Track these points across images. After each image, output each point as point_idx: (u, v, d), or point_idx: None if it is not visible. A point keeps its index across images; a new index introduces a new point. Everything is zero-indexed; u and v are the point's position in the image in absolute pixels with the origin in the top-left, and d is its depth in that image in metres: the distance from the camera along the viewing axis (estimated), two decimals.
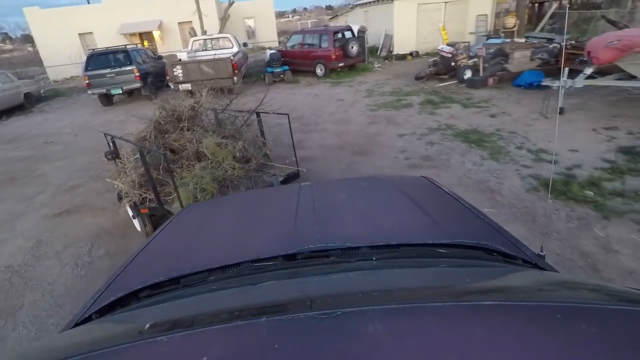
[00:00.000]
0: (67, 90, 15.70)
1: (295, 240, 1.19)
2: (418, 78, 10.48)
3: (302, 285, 0.91)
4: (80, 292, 3.20)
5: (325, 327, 0.61)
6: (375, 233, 1.22)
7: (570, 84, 6.07)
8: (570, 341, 0.57)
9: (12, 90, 12.09)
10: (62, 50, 19.32)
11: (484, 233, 1.27)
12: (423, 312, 0.65)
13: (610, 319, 0.62)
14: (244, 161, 4.00)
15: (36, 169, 6.56)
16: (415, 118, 7.11)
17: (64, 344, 0.82)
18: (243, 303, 0.87)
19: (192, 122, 4.17)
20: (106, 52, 11.09)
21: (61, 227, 4.38)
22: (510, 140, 5.42)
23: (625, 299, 0.76)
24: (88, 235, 4.10)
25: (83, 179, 5.78)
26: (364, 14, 18.75)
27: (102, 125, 9.31)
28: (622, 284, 2.48)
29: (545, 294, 0.84)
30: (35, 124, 10.39)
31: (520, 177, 4.31)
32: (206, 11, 18.42)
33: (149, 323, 0.78)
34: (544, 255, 1.20)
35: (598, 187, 3.86)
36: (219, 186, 3.64)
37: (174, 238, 1.52)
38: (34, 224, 4.55)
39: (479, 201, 3.88)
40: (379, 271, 1.01)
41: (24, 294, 3.28)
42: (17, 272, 3.60)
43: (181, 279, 1.08)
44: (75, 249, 3.88)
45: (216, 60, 9.98)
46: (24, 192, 5.57)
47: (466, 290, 0.83)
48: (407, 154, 5.38)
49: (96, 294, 1.16)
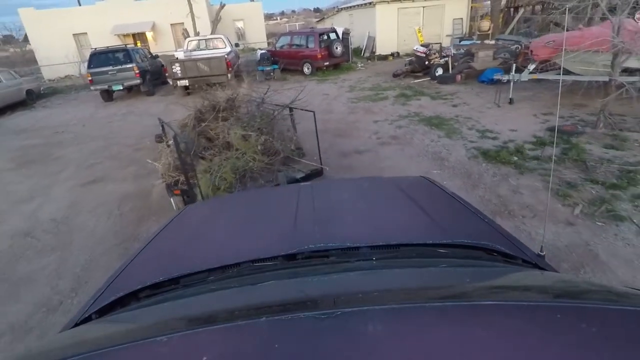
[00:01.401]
0: (64, 88, 16.39)
1: (295, 240, 1.19)
2: (395, 75, 11.56)
3: (302, 285, 0.91)
4: (117, 233, 4.10)
5: (325, 327, 0.61)
6: (375, 233, 1.22)
7: (517, 77, 7.18)
8: (570, 341, 0.57)
9: (15, 87, 12.76)
10: (57, 50, 19.86)
11: (484, 233, 1.27)
12: (423, 312, 0.65)
13: (610, 319, 0.62)
14: (269, 154, 4.08)
15: (53, 153, 7.37)
16: (389, 108, 8.15)
17: (64, 344, 0.81)
18: (243, 303, 0.87)
19: (229, 113, 4.38)
20: (108, 50, 11.89)
21: (89, 193, 5.25)
22: (464, 124, 6.50)
23: (625, 299, 0.75)
24: (114, 198, 4.98)
25: (100, 159, 6.63)
26: (349, 17, 19.86)
27: (105, 118, 10.16)
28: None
29: (545, 294, 0.84)
30: (40, 118, 11.13)
31: (465, 149, 5.37)
32: (198, 13, 19.25)
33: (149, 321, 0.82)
34: (544, 255, 1.19)
35: (522, 153, 4.93)
36: (239, 176, 3.76)
37: (174, 238, 1.51)
38: (64, 191, 5.41)
39: (431, 167, 4.92)
40: (379, 271, 1.01)
41: (72, 236, 4.16)
42: (61, 222, 4.48)
43: (181, 279, 1.07)
44: (105, 207, 4.76)
45: (211, 59, 10.90)
46: (46, 170, 6.40)
47: (466, 290, 0.83)
48: (379, 134, 6.41)
49: (96, 294, 1.15)
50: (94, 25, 20.63)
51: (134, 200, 4.82)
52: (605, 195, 3.74)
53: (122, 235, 4.04)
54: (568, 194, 3.82)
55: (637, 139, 5.10)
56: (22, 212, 4.84)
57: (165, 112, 9.90)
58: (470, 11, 17.77)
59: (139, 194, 4.99)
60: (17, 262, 3.76)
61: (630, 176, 4.04)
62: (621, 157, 4.60)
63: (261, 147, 4.04)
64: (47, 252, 3.87)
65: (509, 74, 7.26)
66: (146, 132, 8.15)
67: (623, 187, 3.86)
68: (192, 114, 4.51)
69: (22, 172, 6.43)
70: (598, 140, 5.17)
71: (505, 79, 7.34)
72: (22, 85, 13.23)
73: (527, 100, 7.49)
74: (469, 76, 10.17)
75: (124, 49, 11.78)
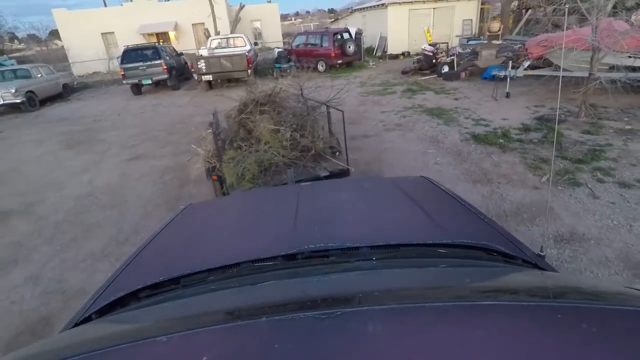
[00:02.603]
0: (94, 83, 17.59)
1: (295, 240, 1.19)
2: (404, 72, 12.30)
3: (302, 285, 0.91)
4: (163, 194, 4.97)
5: (325, 327, 0.61)
6: (375, 233, 1.22)
7: (513, 73, 7.86)
8: (570, 341, 0.57)
9: (53, 81, 13.94)
10: (86, 48, 21.16)
11: (484, 233, 1.27)
12: (423, 312, 0.65)
13: (610, 319, 0.63)
14: (301, 150, 4.13)
15: (96, 137, 8.36)
16: (396, 101, 8.91)
17: (64, 344, 0.81)
18: (243, 303, 0.87)
19: (270, 107, 4.47)
20: (139, 48, 12.94)
21: (134, 166, 6.16)
22: (462, 114, 7.22)
23: (625, 299, 0.76)
24: (156, 170, 5.88)
25: (138, 141, 7.57)
26: (362, 18, 20.61)
27: (137, 109, 11.17)
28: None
29: (545, 294, 0.84)
30: (77, 109, 12.22)
31: (460, 133, 6.10)
32: (218, 14, 20.28)
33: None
34: (544, 255, 1.20)
35: (508, 137, 5.65)
36: (263, 169, 3.83)
37: (174, 238, 1.52)
38: (112, 165, 6.34)
39: (428, 147, 5.68)
40: (379, 271, 1.02)
41: (125, 196, 5.06)
42: (114, 187, 5.39)
43: (181, 279, 1.07)
44: (150, 176, 5.66)
45: (233, 56, 11.82)
46: (94, 150, 7.36)
47: (466, 290, 0.83)
48: (384, 122, 7.18)
49: (96, 294, 1.15)
50: (121, 25, 21.87)
51: (173, 172, 5.70)
52: (570, 168, 4.45)
53: (168, 196, 4.92)
54: (540, 167, 4.54)
55: (612, 126, 5.76)
56: (80, 181, 5.78)
57: (190, 105, 10.89)
58: (481, 12, 18.34)
59: (177, 167, 5.88)
60: (86, 214, 4.66)
61: (595, 154, 4.74)
62: (594, 140, 5.28)
63: (288, 143, 4.08)
64: (108, 208, 4.77)
65: (506, 70, 7.93)
66: (176, 120, 9.11)
67: (587, 161, 4.56)
68: (236, 106, 4.71)
69: (73, 151, 7.41)
70: (577, 127, 5.84)
71: (502, 74, 8.02)
72: (59, 79, 14.41)
73: (523, 95, 8.15)
74: (472, 74, 10.83)
75: (154, 47, 12.82)
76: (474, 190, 4.21)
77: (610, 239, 3.15)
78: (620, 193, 3.85)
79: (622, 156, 4.68)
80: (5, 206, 5.04)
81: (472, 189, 4.24)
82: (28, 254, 3.88)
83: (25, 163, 6.92)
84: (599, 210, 3.59)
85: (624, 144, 5.05)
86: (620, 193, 3.85)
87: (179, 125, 8.51)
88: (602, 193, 3.88)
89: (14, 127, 10.34)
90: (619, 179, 4.13)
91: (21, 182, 5.98)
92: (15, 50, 39.41)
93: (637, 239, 3.12)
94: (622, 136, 5.34)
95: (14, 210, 4.91)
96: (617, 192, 3.88)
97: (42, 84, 13.08)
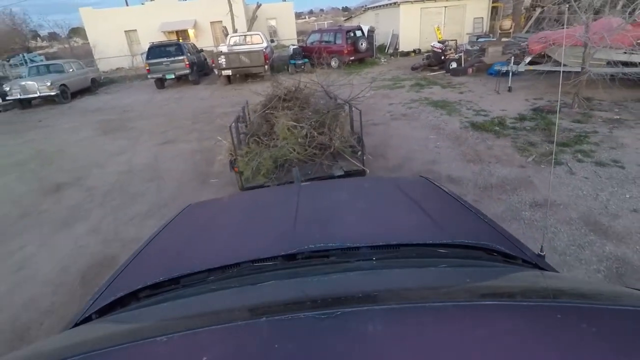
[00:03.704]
0: (119, 78, 18.58)
1: (295, 240, 1.19)
2: (414, 68, 12.83)
3: (302, 285, 0.92)
4: (194, 171, 5.68)
5: (325, 327, 0.61)
6: (375, 233, 1.23)
7: (515, 68, 8.35)
8: (570, 341, 0.57)
9: (83, 75, 14.93)
10: (110, 45, 22.22)
11: (484, 233, 1.28)
12: (423, 312, 0.66)
13: (610, 319, 0.63)
14: (318, 147, 4.14)
15: (127, 125, 9.16)
16: (404, 94, 9.49)
17: (64, 344, 0.82)
18: (243, 303, 0.88)
19: (294, 102, 4.58)
20: (163, 44, 13.79)
21: (166, 149, 6.91)
22: (465, 105, 7.76)
23: (625, 299, 0.76)
24: (186, 151, 6.61)
25: (167, 129, 8.33)
26: (375, 16, 21.14)
27: (162, 101, 11.98)
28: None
29: (545, 294, 0.85)
30: (106, 101, 13.12)
31: (460, 122, 6.66)
32: (236, 12, 21.06)
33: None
34: (544, 255, 1.20)
35: (503, 125, 6.19)
36: (277, 165, 3.90)
37: (174, 238, 1.53)
38: (146, 148, 7.10)
39: (429, 133, 6.26)
40: (379, 271, 1.02)
41: (161, 173, 5.79)
42: (151, 165, 6.14)
43: (181, 279, 1.08)
44: (181, 157, 6.39)
45: (251, 52, 12.54)
46: (128, 136, 8.15)
47: (466, 290, 0.83)
48: (392, 112, 7.78)
49: (96, 294, 1.15)
50: (143, 23, 22.88)
51: (201, 154, 6.42)
52: (555, 150, 4.99)
53: (197, 172, 5.62)
54: (527, 149, 5.09)
55: (602, 116, 6.24)
56: (119, 161, 6.54)
57: (211, 98, 11.65)
58: (493, 11, 18.66)
59: (204, 150, 6.59)
60: (128, 186, 5.40)
61: (580, 139, 5.26)
62: (582, 128, 5.79)
63: (305, 140, 4.08)
64: (147, 181, 5.50)
65: (508, 65, 8.43)
66: (198, 111, 9.87)
67: (571, 145, 5.08)
68: (262, 100, 4.86)
69: (108, 137, 8.21)
70: (570, 116, 6.33)
71: (504, 69, 8.52)
72: (87, 74, 15.40)
73: (524, 89, 8.62)
74: (479, 69, 11.30)
75: (177, 44, 13.64)
76: (466, 168, 4.79)
77: (577, 205, 3.71)
78: (595, 170, 4.38)
79: (604, 141, 5.19)
80: (59, 179, 5.84)
81: (465, 167, 4.82)
82: (85, 214, 4.63)
83: (68, 146, 7.75)
84: (572, 183, 4.14)
85: (609, 131, 5.55)
86: (595, 170, 4.38)
87: (202, 116, 9.26)
88: (578, 170, 4.42)
89: (51, 116, 11.28)
90: (597, 159, 4.66)
91: (68, 161, 6.78)
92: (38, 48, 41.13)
93: (599, 204, 3.68)
94: (609, 125, 5.83)
95: (67, 183, 5.69)
96: (592, 169, 4.42)
97: (74, 78, 14.06)
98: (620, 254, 2.96)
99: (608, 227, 3.31)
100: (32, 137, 8.85)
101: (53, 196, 5.26)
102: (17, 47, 28.51)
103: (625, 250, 3.00)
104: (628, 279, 2.70)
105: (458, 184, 4.35)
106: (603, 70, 6.36)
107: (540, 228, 3.38)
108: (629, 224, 3.32)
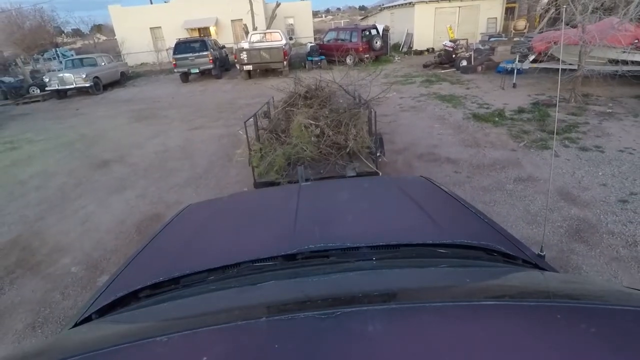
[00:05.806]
0: (145, 72, 19.62)
1: (295, 240, 1.19)
2: (425, 66, 13.37)
3: (302, 285, 0.92)
4: (221, 151, 6.42)
5: (325, 327, 0.61)
6: (375, 233, 1.23)
7: (519, 66, 8.85)
8: (570, 341, 0.58)
9: (114, 69, 15.97)
10: (136, 41, 23.34)
11: (484, 233, 1.28)
12: (423, 312, 0.66)
13: (610, 319, 0.63)
14: (332, 147, 4.17)
15: (159, 114, 10.02)
16: (414, 89, 10.09)
17: (64, 344, 0.82)
18: (243, 303, 0.88)
19: (315, 100, 4.63)
20: (188, 40, 14.69)
21: (196, 133, 7.69)
22: (470, 100, 8.32)
23: (625, 299, 0.76)
24: (214, 136, 7.37)
25: (194, 117, 9.14)
26: (391, 15, 21.66)
27: (187, 93, 12.85)
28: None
29: (545, 294, 0.85)
30: (135, 93, 14.08)
31: (463, 114, 7.25)
32: (256, 11, 21.88)
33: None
34: (544, 255, 1.21)
35: (502, 116, 6.76)
36: (289, 163, 3.96)
37: (174, 238, 1.53)
38: (178, 133, 7.90)
39: (434, 123, 6.87)
40: (379, 271, 1.02)
41: (193, 153, 6.56)
42: (184, 147, 6.92)
43: (181, 279, 1.08)
44: (209, 140, 7.16)
45: (271, 48, 13.30)
46: (160, 122, 8.98)
47: (466, 290, 0.84)
48: (401, 105, 8.41)
49: (96, 294, 1.15)
50: (167, 20, 23.90)
51: (227, 138, 7.17)
52: (545, 137, 5.55)
53: (225, 152, 6.36)
54: (520, 136, 5.67)
55: (595, 110, 6.74)
56: (155, 143, 7.35)
57: (233, 91, 12.46)
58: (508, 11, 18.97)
59: (229, 135, 7.35)
60: (165, 163, 6.19)
61: (569, 128, 5.80)
62: (574, 119, 6.31)
63: (317, 139, 4.10)
64: (181, 159, 6.28)
65: (514, 63, 8.94)
66: (222, 102, 10.67)
67: (560, 133, 5.63)
68: (284, 97, 5.01)
69: (142, 123, 9.07)
70: (566, 110, 6.85)
71: (509, 67, 9.02)
72: (117, 67, 16.42)
73: (529, 86, 9.11)
74: (488, 67, 11.77)
75: (202, 40, 14.51)
76: (464, 151, 5.39)
77: (555, 180, 4.29)
78: (577, 154, 4.94)
79: (592, 130, 5.72)
80: (105, 157, 6.68)
81: (463, 150, 5.43)
82: (131, 184, 5.42)
83: (107, 131, 8.63)
84: (555, 164, 4.71)
85: (599, 123, 6.06)
86: (577, 154, 4.94)
87: (226, 106, 10.06)
88: (562, 154, 4.99)
89: (86, 106, 12.26)
90: (581, 145, 5.21)
91: (109, 143, 7.64)
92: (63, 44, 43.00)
93: (574, 180, 4.26)
94: (600, 117, 6.34)
95: (111, 160, 6.52)
96: (575, 153, 4.98)
97: (105, 71, 15.08)
98: (582, 216, 3.56)
99: (577, 196, 3.90)
100: (73, 123, 9.79)
101: (101, 170, 6.09)
102: (46, 42, 30.00)
103: (587, 213, 3.59)
104: (583, 234, 3.30)
105: (455, 163, 4.97)
106: (597, 68, 6.85)
107: (520, 198, 3.98)
108: (595, 195, 3.90)
